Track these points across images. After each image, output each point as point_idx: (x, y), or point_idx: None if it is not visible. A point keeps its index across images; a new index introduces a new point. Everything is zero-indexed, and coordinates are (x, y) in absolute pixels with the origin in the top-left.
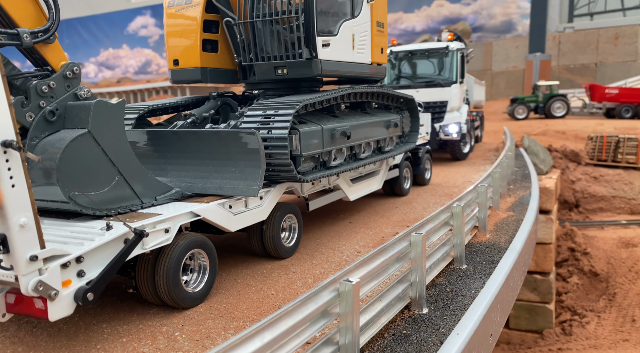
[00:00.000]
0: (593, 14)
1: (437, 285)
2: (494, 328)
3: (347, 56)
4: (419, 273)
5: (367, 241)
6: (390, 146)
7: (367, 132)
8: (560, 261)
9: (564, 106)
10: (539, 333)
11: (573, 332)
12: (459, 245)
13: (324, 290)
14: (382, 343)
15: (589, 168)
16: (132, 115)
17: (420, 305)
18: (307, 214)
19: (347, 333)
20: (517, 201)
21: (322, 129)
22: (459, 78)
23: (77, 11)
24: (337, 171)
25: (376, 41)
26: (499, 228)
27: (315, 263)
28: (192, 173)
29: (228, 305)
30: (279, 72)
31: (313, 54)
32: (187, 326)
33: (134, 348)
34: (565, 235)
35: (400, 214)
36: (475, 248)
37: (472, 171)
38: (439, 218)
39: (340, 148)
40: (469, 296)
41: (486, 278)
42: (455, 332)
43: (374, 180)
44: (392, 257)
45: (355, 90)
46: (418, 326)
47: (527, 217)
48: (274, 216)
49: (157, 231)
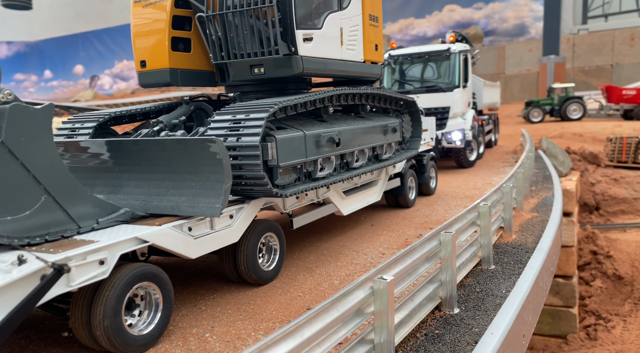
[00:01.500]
0: (607, 15)
1: (466, 285)
2: (526, 328)
3: (335, 52)
4: (450, 273)
5: (391, 243)
6: (389, 153)
7: (360, 138)
8: (583, 265)
9: (580, 108)
10: (562, 338)
11: (598, 336)
12: (486, 245)
13: (358, 288)
14: (414, 343)
15: (608, 170)
16: (90, 123)
17: (451, 305)
18: (327, 218)
19: (382, 331)
20: (541, 202)
21: (304, 136)
22: (462, 82)
23: (93, 25)
24: (324, 183)
25: (369, 37)
26: (524, 229)
27: (340, 265)
28: (147, 189)
29: (256, 306)
30: (255, 71)
31: (292, 49)
32: (217, 327)
33: (166, 350)
34: (586, 237)
35: (422, 216)
36: (502, 249)
37: (492, 174)
38: (466, 218)
39: (329, 156)
40: (500, 296)
41: (516, 278)
42: (490, 331)
43: (371, 191)
44: (422, 256)
45: (344, 91)
46: (450, 326)
47: (552, 217)
48: (249, 236)
49: (88, 264)
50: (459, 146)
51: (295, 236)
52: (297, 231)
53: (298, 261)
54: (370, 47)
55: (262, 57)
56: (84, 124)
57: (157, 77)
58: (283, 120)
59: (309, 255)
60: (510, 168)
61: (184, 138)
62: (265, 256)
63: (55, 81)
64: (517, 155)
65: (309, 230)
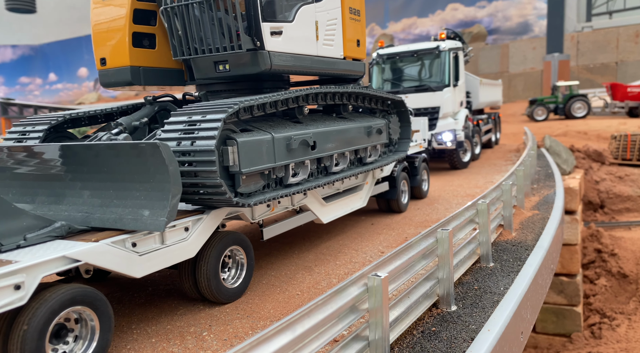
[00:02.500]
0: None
1: (465, 283)
2: (524, 325)
3: (309, 48)
4: (447, 270)
5: (390, 242)
6: (374, 156)
7: (340, 140)
8: (587, 263)
9: (585, 106)
10: (567, 336)
11: (603, 335)
12: (485, 243)
13: (352, 284)
14: (411, 340)
15: (613, 168)
16: (41, 126)
17: (449, 302)
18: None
19: (376, 328)
20: (542, 200)
21: (272, 139)
22: (452, 81)
23: None
24: (297, 190)
25: (350, 32)
26: (524, 227)
27: (338, 264)
28: (90, 199)
29: (254, 305)
30: (220, 68)
31: (257, 44)
32: (215, 326)
33: (164, 348)
34: (590, 236)
35: (423, 215)
36: (502, 247)
37: (494, 172)
38: (464, 216)
39: (302, 161)
40: (498, 293)
41: (514, 276)
42: (486, 328)
43: (355, 197)
44: (418, 253)
45: (319, 90)
46: (447, 323)
47: (553, 215)
48: (210, 251)
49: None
50: (449, 147)
51: (294, 236)
52: (296, 231)
53: (297, 259)
54: (351, 43)
55: (226, 53)
56: (35, 127)
57: (118, 76)
58: (251, 122)
59: (308, 254)
60: (512, 166)
61: (116, 142)
62: (231, 272)
63: (60, 84)
64: (519, 153)
65: (309, 228)
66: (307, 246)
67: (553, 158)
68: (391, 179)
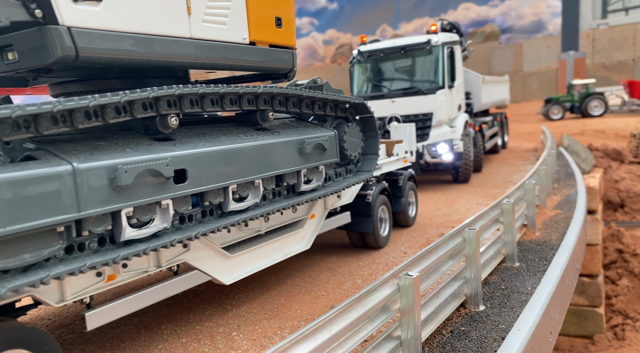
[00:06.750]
0: (628, 9)
1: (491, 283)
2: (553, 325)
3: (171, 25)
4: (474, 270)
5: (413, 242)
6: (317, 181)
7: (245, 163)
8: (608, 264)
9: (602, 104)
10: (589, 338)
11: (626, 336)
12: (510, 243)
13: (383, 284)
14: (441, 340)
15: (633, 166)
16: None
17: (477, 302)
18: None
19: (408, 327)
20: (564, 200)
21: (73, 171)
22: (447, 81)
23: None
24: (134, 251)
25: (261, 6)
26: (547, 226)
27: (362, 265)
28: None
29: (280, 305)
30: (9, 57)
31: (37, 13)
32: (243, 326)
33: (194, 348)
34: (611, 235)
35: (443, 216)
36: (526, 246)
37: (513, 172)
38: (489, 215)
39: (155, 201)
40: (525, 293)
41: (541, 275)
42: (516, 327)
43: (292, 237)
44: (446, 253)
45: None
46: (476, 323)
47: (576, 214)
48: None
49: None
50: (445, 161)
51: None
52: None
53: (320, 261)
54: (265, 22)
55: (10, 34)
56: None
57: None
58: (75, 140)
59: (329, 255)
60: (531, 166)
61: None
62: None
63: None
64: (537, 153)
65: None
66: (328, 247)
67: (572, 157)
68: (363, 206)
